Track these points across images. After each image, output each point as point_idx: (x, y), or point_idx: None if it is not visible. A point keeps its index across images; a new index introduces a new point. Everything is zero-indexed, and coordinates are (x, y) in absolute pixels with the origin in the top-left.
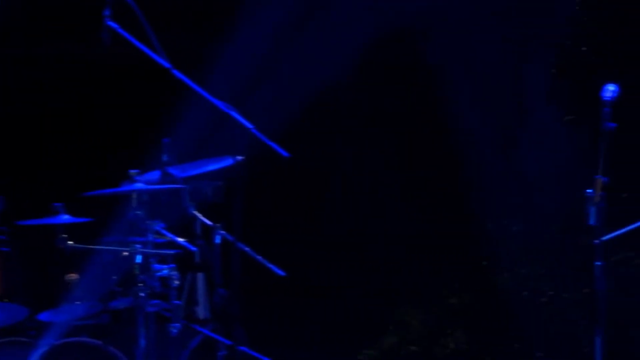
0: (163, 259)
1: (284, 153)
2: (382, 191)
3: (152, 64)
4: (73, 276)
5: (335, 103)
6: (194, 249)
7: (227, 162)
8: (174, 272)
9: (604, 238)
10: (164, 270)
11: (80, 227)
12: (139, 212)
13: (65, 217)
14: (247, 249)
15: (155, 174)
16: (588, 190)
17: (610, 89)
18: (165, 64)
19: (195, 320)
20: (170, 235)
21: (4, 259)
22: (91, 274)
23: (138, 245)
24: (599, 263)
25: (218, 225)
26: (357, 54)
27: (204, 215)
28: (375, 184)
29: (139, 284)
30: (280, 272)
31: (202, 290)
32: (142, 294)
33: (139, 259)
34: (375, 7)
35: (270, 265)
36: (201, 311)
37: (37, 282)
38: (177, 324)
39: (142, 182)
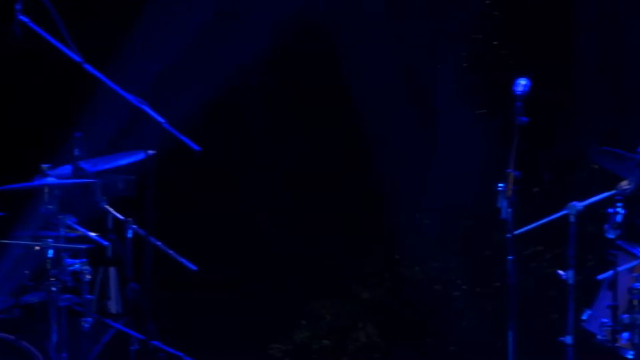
0: (75, 254)
1: (195, 147)
2: (294, 185)
3: (64, 58)
4: None
5: (246, 97)
6: (105, 243)
7: (139, 156)
8: (86, 267)
9: (516, 232)
10: (76, 264)
11: None
12: (50, 207)
13: None
14: (158, 243)
15: (66, 169)
16: (500, 185)
17: (522, 83)
18: (77, 58)
19: (107, 314)
20: (82, 230)
21: None
22: (2, 268)
23: (50, 240)
24: (510, 257)
25: (130, 219)
26: (266, 48)
27: (116, 210)
28: (287, 178)
29: (51, 279)
30: (192, 267)
31: (114, 285)
32: (53, 289)
33: (50, 253)
34: (284, 2)
35: (182, 260)
36: (113, 305)
37: None
38: (89, 319)
39: (53, 177)
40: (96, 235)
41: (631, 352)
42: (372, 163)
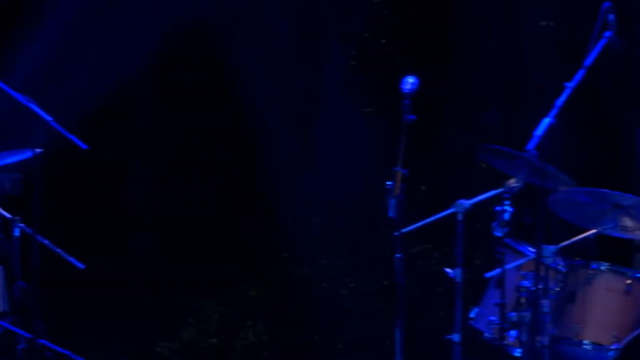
0: None
1: (83, 145)
2: (180, 184)
3: None
4: None
5: (134, 95)
6: None
7: (26, 154)
8: None
9: (403, 230)
10: None
11: None
12: None
13: None
14: (46, 241)
15: None
16: (388, 183)
17: (410, 81)
18: None
19: None
20: None
21: None
22: None
23: None
24: (398, 255)
25: (17, 218)
26: (155, 47)
27: (3, 208)
28: (173, 178)
29: None
30: (80, 265)
31: (1, 283)
32: None
33: None
34: (172, 1)
35: (70, 258)
36: (0, 304)
37: None
38: None
39: None
40: None
41: (519, 350)
42: (260, 162)
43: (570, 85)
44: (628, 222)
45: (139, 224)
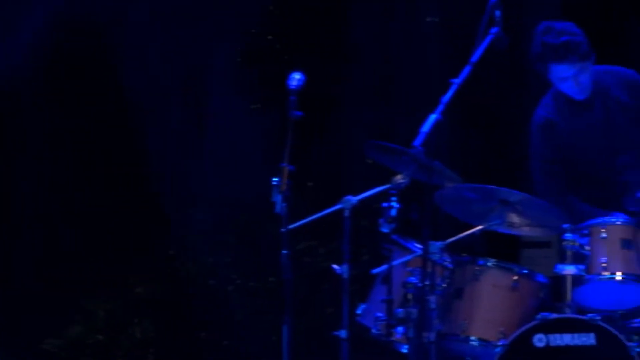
0: None
1: None
2: (68, 183)
3: None
4: None
5: (18, 93)
6: None
7: None
8: None
9: (290, 227)
10: None
11: None
12: None
13: None
14: None
15: None
16: (274, 179)
17: (296, 78)
18: None
19: None
20: None
21: None
22: None
23: None
24: (285, 252)
25: None
26: (38, 45)
27: None
28: (61, 176)
29: None
30: None
31: None
32: None
33: None
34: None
35: None
36: None
37: None
38: None
39: None
40: None
41: (405, 346)
42: (146, 159)
43: (456, 81)
44: (514, 218)
45: (25, 221)
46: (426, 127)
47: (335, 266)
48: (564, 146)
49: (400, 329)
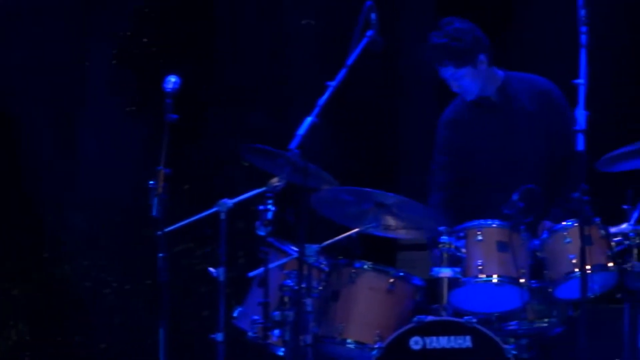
0: None
1: None
2: None
3: None
4: None
5: None
6: None
7: None
8: None
9: (167, 229)
10: None
11: None
12: None
13: None
14: None
15: None
16: (150, 182)
17: (172, 80)
18: None
19: None
20: None
21: None
22: None
23: None
24: (161, 254)
25: None
26: None
27: None
28: None
29: None
30: None
31: None
32: None
33: None
34: None
35: None
36: None
37: None
38: None
39: None
40: None
41: (282, 349)
42: (22, 160)
43: (332, 84)
44: (391, 220)
45: None
46: (302, 129)
47: (211, 269)
48: (464, 146)
49: (276, 331)
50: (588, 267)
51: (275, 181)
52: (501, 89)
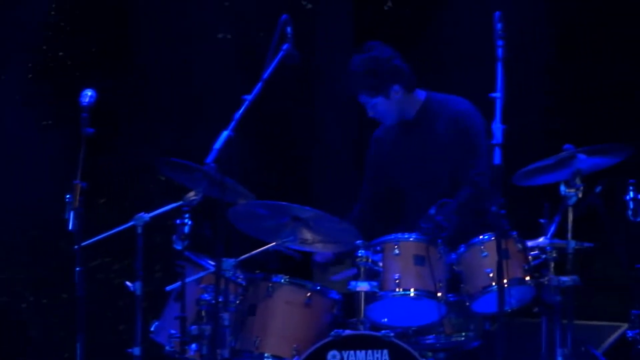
0: None
1: None
2: None
3: None
4: None
5: None
6: None
7: None
8: None
9: (83, 243)
10: None
11: None
12: None
13: None
14: None
15: None
16: (67, 196)
17: (88, 94)
18: None
19: None
20: None
21: None
22: None
23: None
24: (78, 268)
25: None
26: None
27: None
28: None
29: None
30: None
31: None
32: None
33: None
34: None
35: None
36: None
37: None
38: None
39: None
40: None
41: None
42: None
43: (248, 97)
44: (307, 234)
45: None
46: (218, 143)
47: (128, 283)
48: (387, 162)
49: (194, 346)
50: (505, 280)
51: (191, 195)
52: (421, 111)
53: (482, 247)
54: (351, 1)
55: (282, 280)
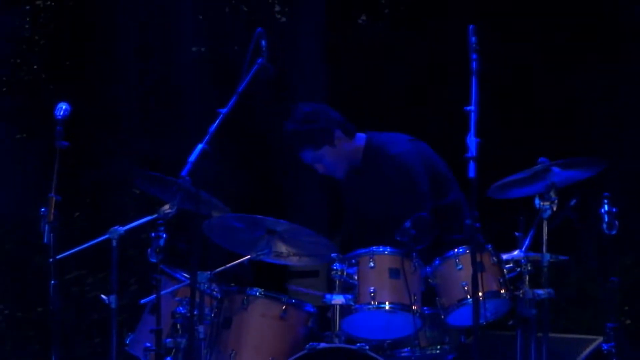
0: None
1: None
2: None
3: None
4: None
5: None
6: None
7: None
8: None
9: (58, 257)
10: None
11: None
12: None
13: None
14: None
15: None
16: (41, 209)
17: (63, 108)
18: None
19: None
20: None
21: None
22: None
23: None
24: (53, 282)
25: None
26: None
27: None
28: None
29: None
30: None
31: None
32: None
33: None
34: None
35: None
36: None
37: None
38: None
39: None
40: None
41: None
42: None
43: (223, 111)
44: (282, 247)
45: None
46: (193, 156)
47: (103, 296)
48: (346, 199)
49: (169, 359)
50: (480, 293)
51: (166, 208)
52: (365, 155)
53: (457, 260)
54: (324, 15)
55: (257, 294)
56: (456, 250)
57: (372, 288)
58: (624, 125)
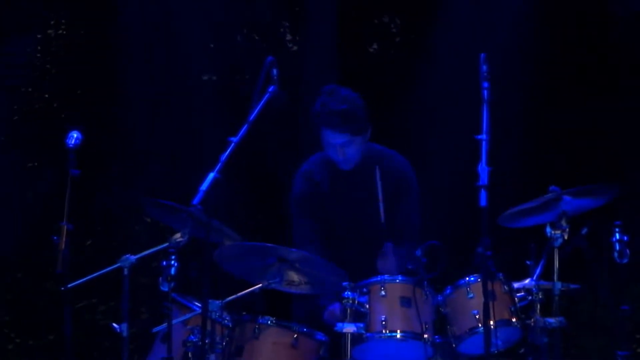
0: None
1: None
2: None
3: None
4: None
5: None
6: None
7: None
8: None
9: (70, 285)
10: None
11: None
12: None
13: None
14: None
15: None
16: (54, 237)
17: (74, 136)
18: None
19: None
20: None
21: None
22: None
23: None
24: (65, 309)
25: None
26: None
27: None
28: None
29: None
30: None
31: None
32: None
33: None
34: None
35: None
36: None
37: None
38: None
39: None
40: None
41: None
42: None
43: (234, 139)
44: (294, 276)
45: None
46: (205, 185)
47: (114, 324)
48: (325, 206)
49: None
50: (491, 322)
51: (178, 236)
52: (365, 157)
53: (468, 288)
54: (336, 43)
55: (269, 322)
56: (467, 278)
57: (384, 316)
58: (635, 154)
